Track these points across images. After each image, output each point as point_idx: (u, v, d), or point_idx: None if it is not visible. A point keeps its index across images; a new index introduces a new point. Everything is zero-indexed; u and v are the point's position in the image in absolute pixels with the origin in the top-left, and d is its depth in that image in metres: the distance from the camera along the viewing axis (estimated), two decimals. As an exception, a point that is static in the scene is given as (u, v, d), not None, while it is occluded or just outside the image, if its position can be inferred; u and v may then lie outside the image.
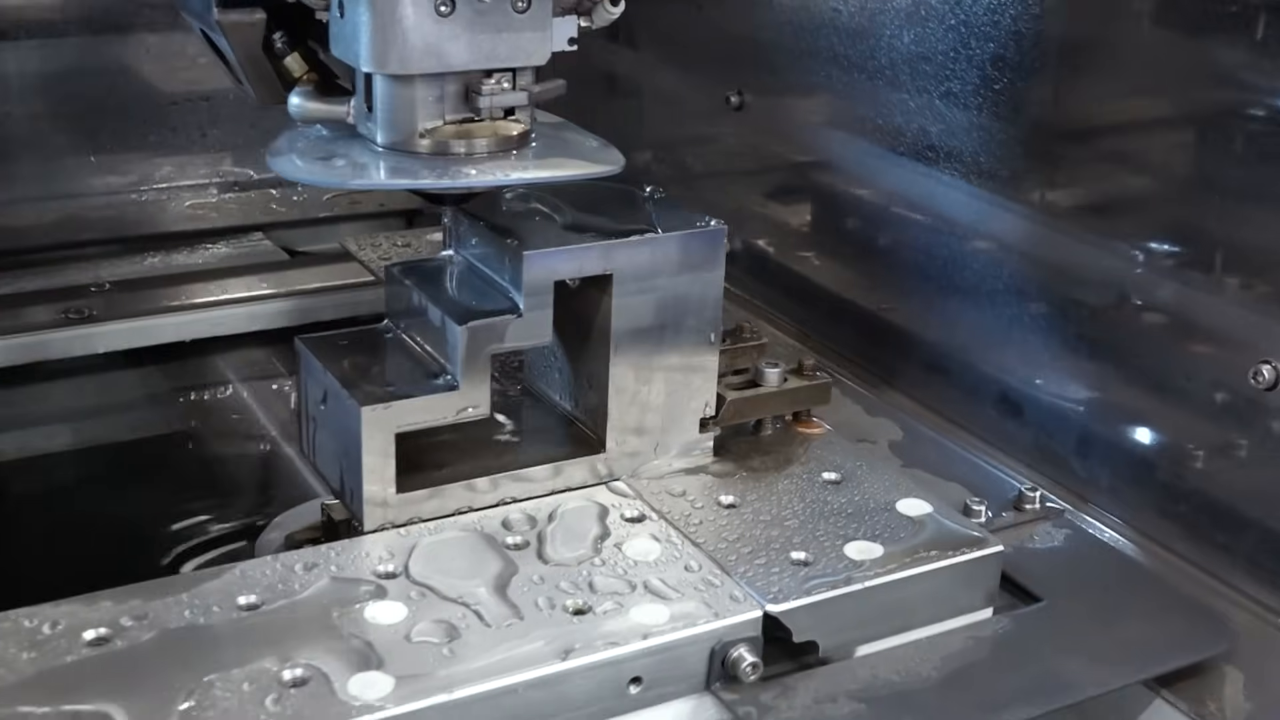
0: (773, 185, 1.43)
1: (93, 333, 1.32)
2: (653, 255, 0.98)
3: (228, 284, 1.41)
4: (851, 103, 1.28)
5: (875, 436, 1.17)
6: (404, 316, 1.01)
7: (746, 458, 1.05)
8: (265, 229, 1.55)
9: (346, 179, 0.93)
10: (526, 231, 0.97)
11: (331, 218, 1.57)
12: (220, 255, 1.49)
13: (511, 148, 0.95)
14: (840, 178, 1.33)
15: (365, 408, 0.92)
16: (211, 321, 1.37)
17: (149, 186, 1.52)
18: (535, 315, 0.95)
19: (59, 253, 1.45)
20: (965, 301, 1.19)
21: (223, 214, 1.54)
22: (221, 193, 1.56)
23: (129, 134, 1.51)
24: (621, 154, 0.99)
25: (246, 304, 1.38)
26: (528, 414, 1.06)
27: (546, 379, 1.07)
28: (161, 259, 1.48)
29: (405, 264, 1.03)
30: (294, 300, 1.39)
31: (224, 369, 1.38)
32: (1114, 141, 1.11)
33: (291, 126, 0.99)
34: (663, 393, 1.01)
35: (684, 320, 1.00)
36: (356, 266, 1.43)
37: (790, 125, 1.38)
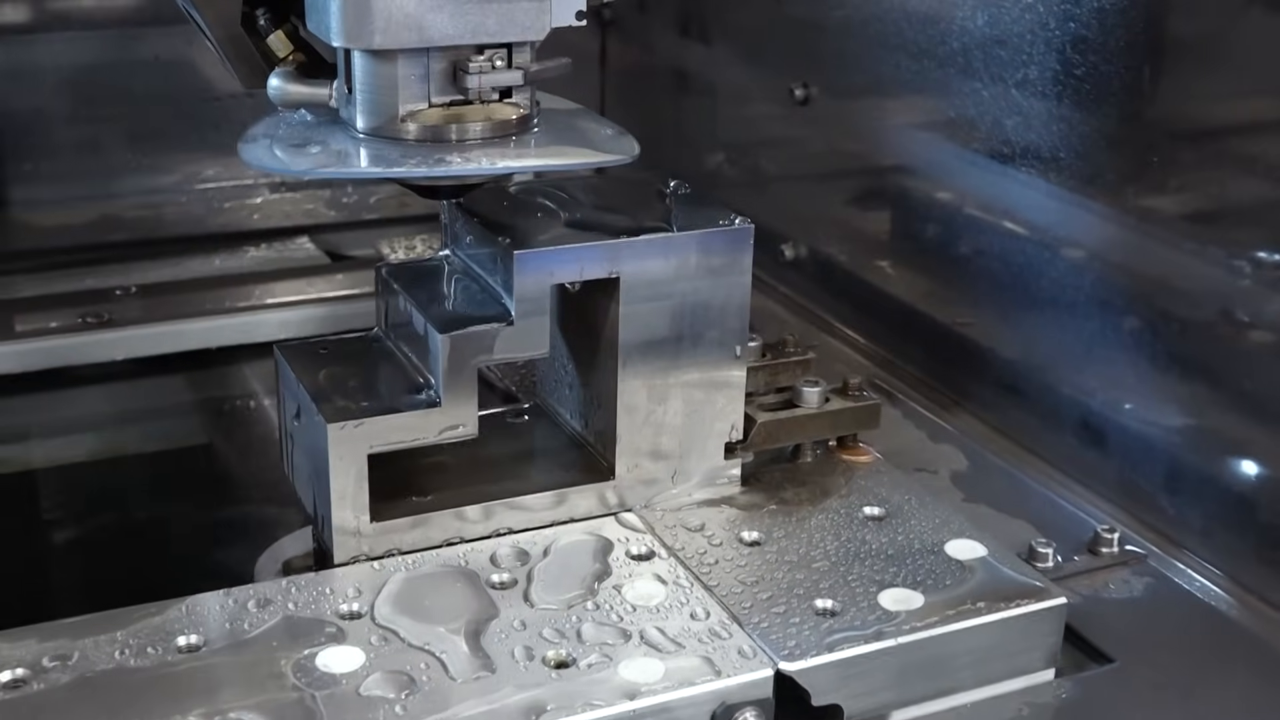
0: (838, 187, 1.29)
1: (111, 338, 1.24)
2: (667, 256, 0.85)
3: (259, 289, 1.31)
4: (920, 94, 1.14)
5: (936, 465, 1.02)
6: (393, 324, 0.89)
7: (779, 488, 0.91)
8: (311, 232, 1.45)
9: (315, 167, 0.81)
10: (523, 229, 0.85)
11: (379, 220, 1.46)
12: (259, 259, 1.40)
13: (508, 134, 0.83)
14: (909, 177, 1.19)
15: (333, 425, 0.81)
16: (239, 329, 1.27)
17: (192, 186, 1.42)
18: (530, 323, 0.83)
19: (92, 254, 1.36)
20: (1044, 315, 1.05)
21: (266, 215, 1.44)
22: (268, 194, 1.46)
23: (171, 131, 1.41)
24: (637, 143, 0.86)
25: (277, 310, 1.29)
26: (534, 434, 0.93)
27: (557, 396, 0.94)
28: (200, 262, 1.39)
29: (397, 265, 0.91)
30: (328, 307, 1.29)
31: (250, 379, 1.28)
32: (1217, 136, 0.95)
33: (273, 111, 0.88)
34: (681, 413, 0.88)
35: (705, 331, 0.87)
36: (391, 270, 1.32)
37: (857, 120, 1.24)
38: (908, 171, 1.19)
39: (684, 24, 1.48)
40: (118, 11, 1.38)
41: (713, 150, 1.46)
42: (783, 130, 1.35)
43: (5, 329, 1.23)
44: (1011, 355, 1.08)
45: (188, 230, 1.41)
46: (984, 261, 1.10)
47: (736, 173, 1.44)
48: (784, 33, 1.32)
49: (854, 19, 1.20)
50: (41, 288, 1.31)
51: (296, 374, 0.86)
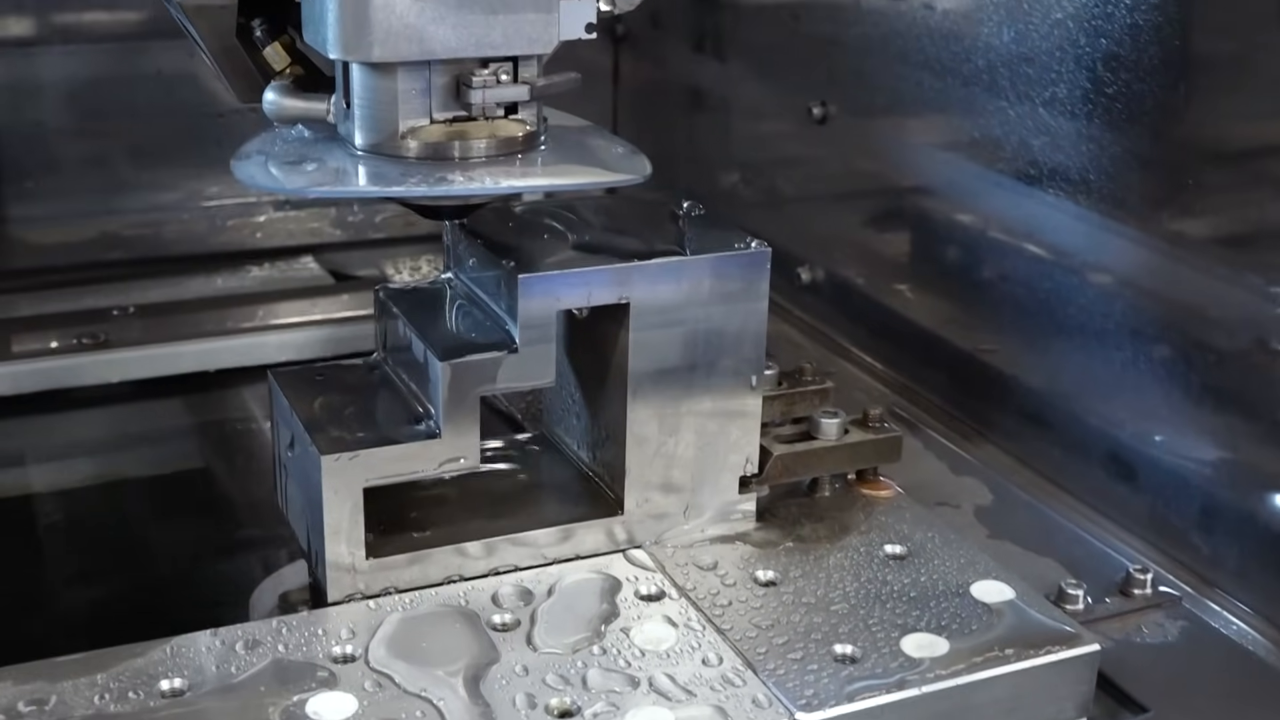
0: (858, 208, 1.25)
1: (109, 360, 1.20)
2: (679, 281, 0.80)
3: (261, 310, 1.28)
4: (945, 113, 1.09)
5: (959, 499, 0.98)
6: (393, 350, 0.85)
7: (795, 524, 0.86)
8: (315, 251, 1.41)
9: (311, 185, 0.77)
10: (529, 252, 0.80)
11: (384, 240, 1.42)
12: (262, 278, 1.36)
13: (514, 152, 0.79)
14: (930, 198, 1.15)
15: (327, 457, 0.76)
16: (239, 351, 1.23)
17: (194, 204, 1.38)
18: (535, 351, 0.78)
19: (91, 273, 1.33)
20: (1071, 343, 1.00)
21: (269, 234, 1.40)
22: (271, 212, 1.41)
23: (173, 147, 1.37)
24: (649, 162, 0.81)
25: (279, 332, 1.25)
26: (539, 466, 0.89)
27: (564, 425, 0.89)
28: (201, 282, 1.35)
29: (397, 288, 0.87)
30: (331, 329, 1.25)
31: (250, 402, 1.24)
32: (1253, 158, 0.91)
33: (269, 127, 0.84)
34: (694, 445, 0.83)
35: (719, 359, 0.83)
36: (396, 291, 1.28)
37: (877, 140, 1.20)
38: (929, 192, 1.15)
39: (698, 40, 1.44)
40: (120, 25, 1.34)
41: (727, 169, 1.41)
42: (800, 149, 1.31)
43: (1, 349, 1.19)
44: (1037, 384, 1.04)
45: (189, 249, 1.37)
46: (1009, 286, 1.06)
47: (751, 192, 1.40)
48: (801, 50, 1.27)
49: (874, 35, 1.16)
50: (39, 307, 1.28)
51: (291, 402, 0.81)
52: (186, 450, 1.23)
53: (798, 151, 1.32)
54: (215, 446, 1.22)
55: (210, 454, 1.22)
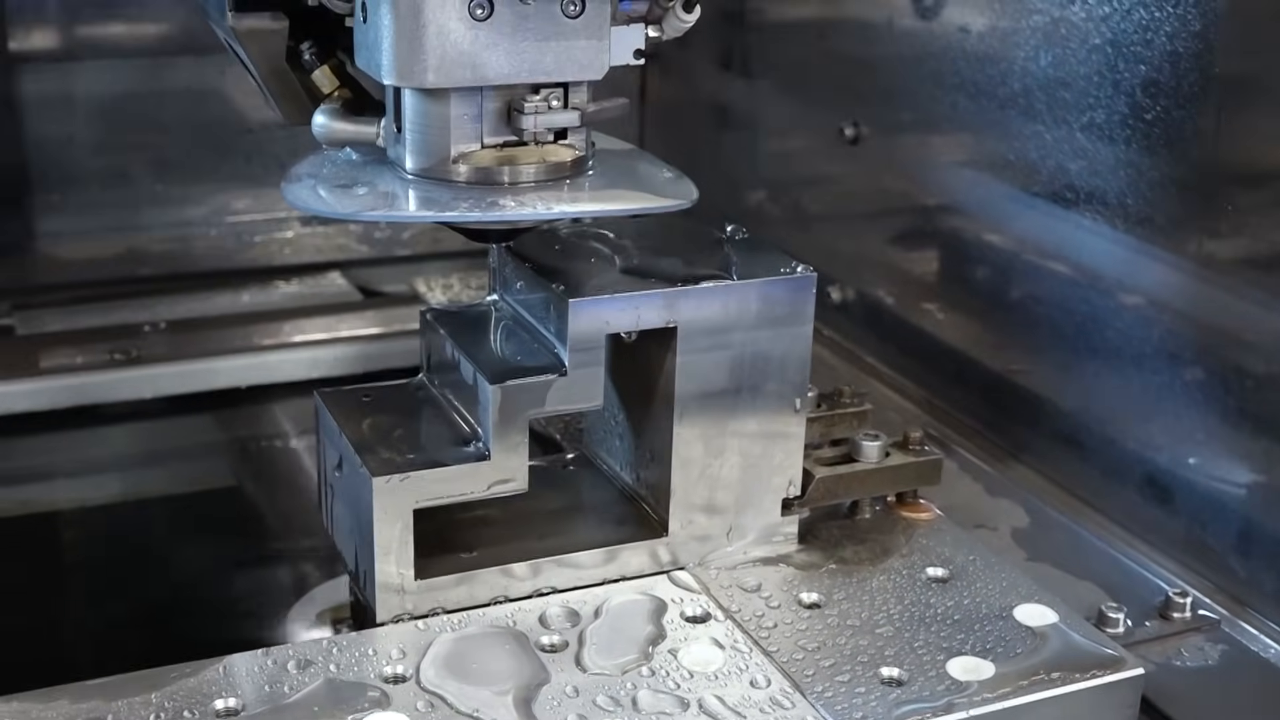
0: (890, 228, 1.26)
1: (139, 376, 1.22)
2: (726, 305, 0.82)
3: (290, 326, 1.29)
4: (979, 135, 1.11)
5: (995, 522, 0.99)
6: (439, 371, 0.87)
7: (837, 546, 0.88)
8: (343, 267, 1.43)
9: (363, 209, 0.78)
10: (577, 275, 0.82)
11: (413, 256, 1.44)
12: (290, 294, 1.38)
13: (563, 177, 0.80)
14: (966, 221, 1.16)
15: (378, 478, 0.78)
16: (269, 367, 1.25)
17: (220, 220, 1.40)
18: (583, 374, 0.80)
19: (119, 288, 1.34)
20: (1108, 366, 1.01)
21: (297, 250, 1.42)
22: (300, 228, 1.43)
23: (201, 163, 1.38)
24: (695, 187, 0.83)
25: (308, 348, 1.27)
26: (582, 487, 0.90)
27: (607, 446, 0.91)
28: (229, 298, 1.37)
29: (443, 309, 0.89)
30: (360, 345, 1.27)
31: (281, 419, 1.25)
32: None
33: (318, 149, 0.85)
34: (738, 467, 0.85)
35: (764, 382, 0.84)
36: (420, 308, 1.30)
37: (911, 161, 1.21)
38: (962, 213, 1.17)
39: (725, 58, 1.46)
40: (149, 40, 1.36)
41: (754, 187, 1.43)
42: (830, 168, 1.33)
43: (30, 365, 1.21)
44: (1071, 406, 1.05)
45: (217, 265, 1.39)
46: (1043, 308, 1.07)
47: (779, 211, 1.41)
48: (832, 69, 1.29)
49: (906, 56, 1.18)
50: (67, 323, 1.29)
51: (339, 422, 0.83)
52: (217, 467, 1.24)
53: (827, 170, 1.33)
54: (246, 463, 1.24)
55: (241, 471, 1.23)
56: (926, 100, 1.16)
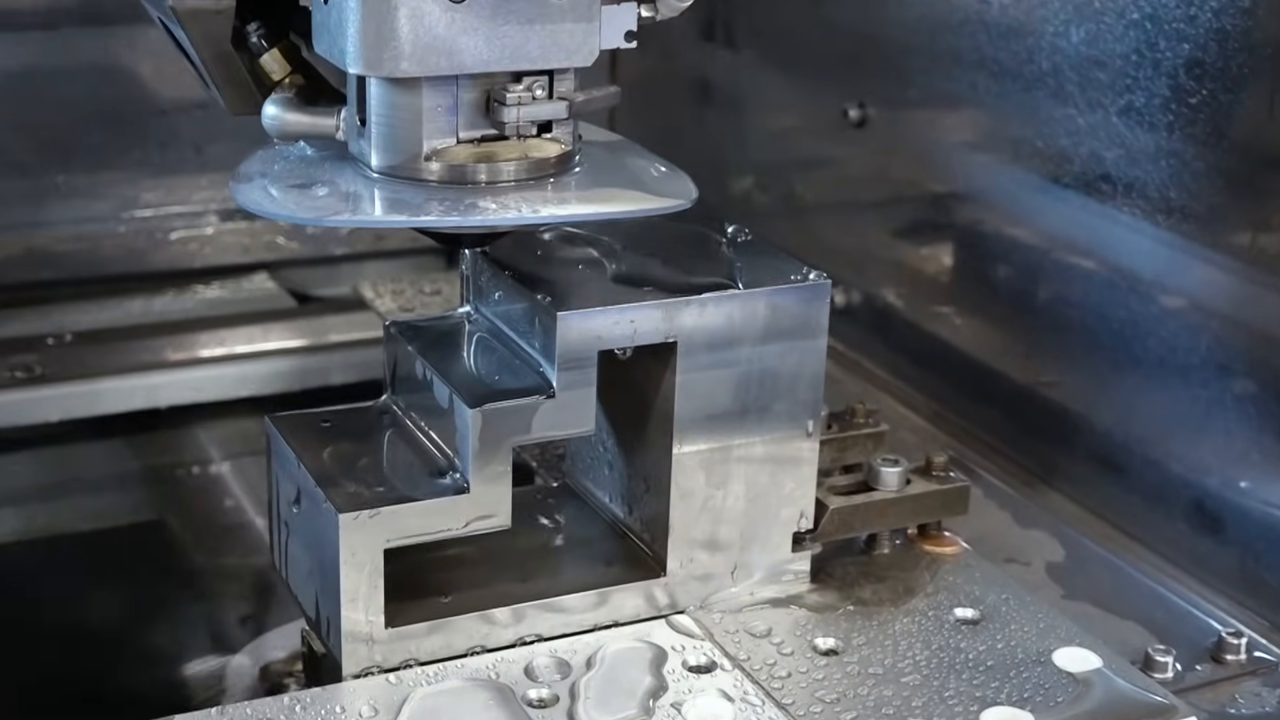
0: (902, 222, 1.31)
1: (43, 396, 1.25)
2: (731, 317, 0.86)
3: (216, 337, 1.33)
4: (1003, 119, 1.16)
5: (1027, 556, 1.04)
6: (406, 392, 0.90)
7: (854, 585, 0.92)
8: (271, 268, 1.46)
9: (325, 214, 0.82)
10: (563, 284, 0.86)
11: (351, 255, 1.47)
12: (212, 300, 1.41)
13: (547, 174, 0.84)
14: (987, 214, 1.21)
15: (345, 515, 0.81)
16: (193, 385, 1.29)
17: (130, 215, 1.43)
18: (573, 396, 0.84)
19: (16, 295, 1.37)
20: (1149, 378, 1.06)
21: (219, 249, 1.45)
22: (220, 222, 1.46)
23: (107, 150, 1.41)
24: (695, 185, 0.87)
25: (237, 363, 1.31)
26: (567, 521, 0.94)
27: (594, 476, 0.95)
28: (142, 304, 1.40)
29: (410, 322, 0.92)
30: (295, 359, 1.31)
31: (207, 444, 1.29)
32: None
33: (267, 144, 0.89)
34: (743, 498, 0.89)
35: (773, 402, 0.88)
36: (372, 317, 1.34)
37: (924, 147, 1.26)
38: (984, 206, 1.21)
39: (707, 27, 1.50)
40: (48, 11, 1.38)
41: (740, 174, 1.47)
42: (830, 154, 1.37)
43: (-82, 384, 1.24)
44: (1109, 424, 1.10)
45: (128, 267, 1.42)
46: (1076, 313, 1.12)
47: (769, 200, 1.46)
48: (833, 42, 1.33)
49: (919, 29, 1.22)
50: (-42, 336, 1.32)
51: (296, 452, 0.86)
52: (134, 500, 1.27)
53: (827, 156, 1.38)
54: (167, 495, 1.27)
55: (161, 504, 1.27)
56: (942, 78, 1.20)
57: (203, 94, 1.40)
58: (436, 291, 1.37)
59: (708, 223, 0.94)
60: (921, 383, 1.26)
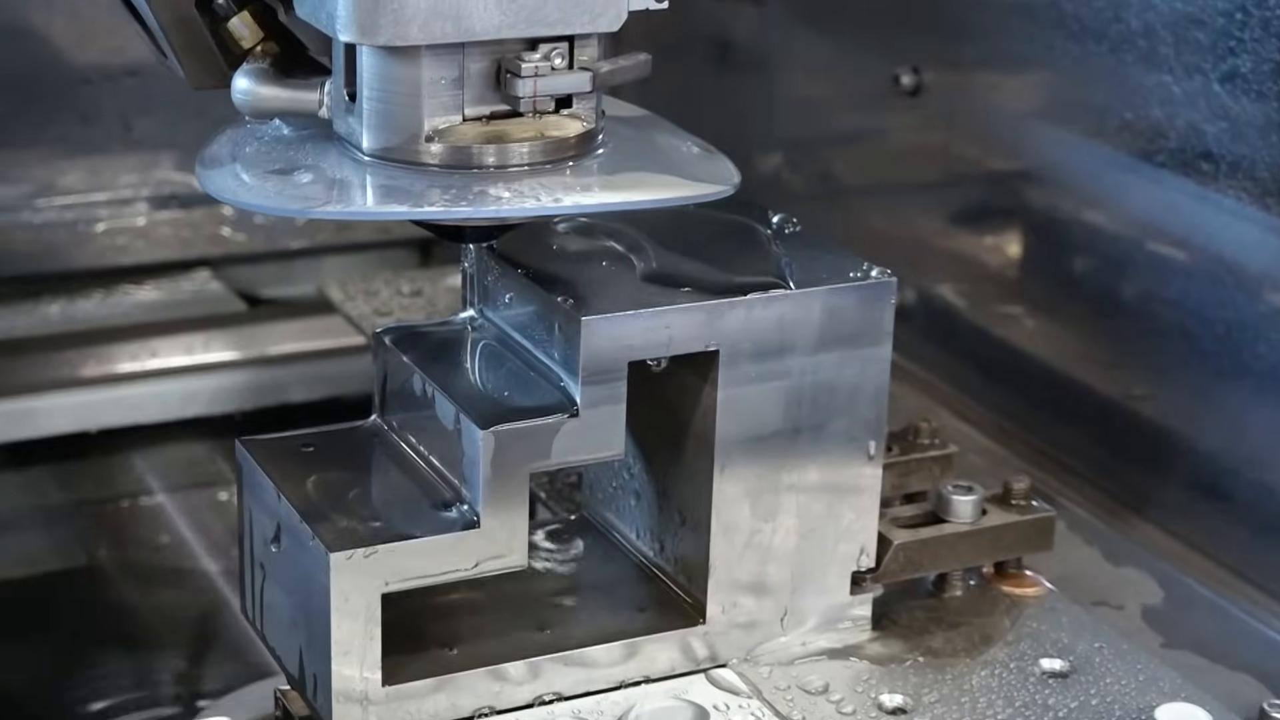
0: (963, 207, 1.34)
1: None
2: (781, 321, 0.90)
3: (152, 347, 1.36)
4: (1084, 86, 1.19)
5: (1120, 597, 1.08)
6: (400, 410, 0.94)
7: (923, 633, 0.96)
8: (215, 265, 1.49)
9: (314, 205, 0.85)
10: (587, 284, 0.90)
11: (310, 249, 1.51)
12: (147, 304, 1.45)
13: (567, 157, 0.88)
14: (1066, 198, 1.24)
15: (337, 554, 0.85)
16: (129, 403, 1.32)
17: (47, 203, 1.46)
18: (600, 414, 0.87)
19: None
20: (1259, 390, 1.10)
21: (153, 243, 1.49)
22: (153, 211, 1.50)
23: (20, 125, 1.45)
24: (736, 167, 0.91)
25: (178, 378, 1.34)
26: (587, 561, 0.98)
27: (617, 507, 0.99)
28: (62, 309, 1.43)
29: (404, 329, 0.96)
30: (249, 372, 1.34)
31: (145, 473, 1.32)
32: None
33: (237, 122, 0.93)
34: (795, 532, 0.93)
35: (829, 421, 0.92)
36: (341, 323, 1.37)
37: (990, 118, 1.30)
38: (1061, 188, 1.24)
39: (729, -21, 1.54)
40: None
41: (768, 150, 1.51)
42: (877, 127, 1.41)
43: None
44: (1212, 445, 1.13)
45: (45, 265, 1.45)
46: (1172, 315, 1.15)
47: (802, 182, 1.49)
48: (880, -5, 1.37)
49: (985, -18, 1.26)
50: None
51: (276, 481, 0.90)
52: (58, 539, 1.30)
53: (873, 129, 1.42)
54: (98, 533, 1.30)
55: (92, 544, 1.29)
56: (1013, 39, 1.24)
57: (132, 60, 1.45)
58: (417, 292, 1.40)
59: (749, 211, 0.98)
60: (987, 397, 1.30)
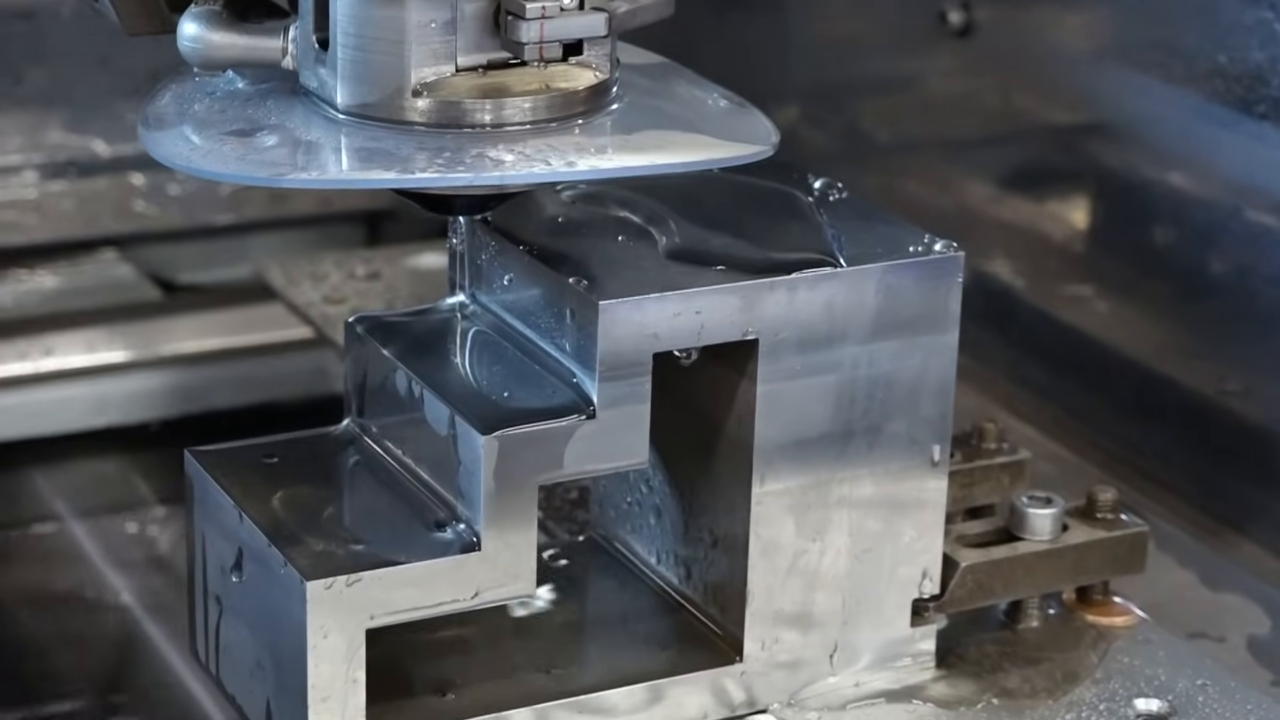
0: (1021, 169, 1.38)
1: None
2: (831, 305, 0.93)
3: (50, 343, 1.38)
4: (1168, 24, 1.23)
5: (1221, 628, 1.11)
6: (379, 413, 0.97)
7: (996, 671, 1.00)
8: (122, 245, 1.51)
9: (283, 172, 0.88)
10: (604, 263, 0.93)
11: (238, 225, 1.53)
12: (44, 292, 1.46)
13: (577, 113, 0.90)
14: (1146, 157, 1.27)
15: (314, 583, 0.87)
16: (23, 412, 1.34)
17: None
18: (621, 416, 0.90)
19: None
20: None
21: (48, 219, 1.50)
22: (46, 181, 1.52)
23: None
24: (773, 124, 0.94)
25: (86, 380, 1.36)
26: (599, 588, 1.01)
27: (633, 526, 1.02)
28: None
29: (381, 317, 0.99)
30: (168, 374, 1.36)
31: (49, 494, 1.34)
32: None
33: (183, 74, 0.95)
34: (845, 554, 0.97)
35: (886, 421, 0.96)
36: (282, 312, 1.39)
37: (1055, 63, 1.33)
38: (1140, 146, 1.27)
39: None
40: None
41: (784, 99, 1.53)
42: (917, 72, 1.43)
43: None
44: (1326, 450, 1.18)
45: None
46: (1274, 296, 1.18)
47: (825, 139, 1.52)
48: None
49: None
50: None
51: (236, 499, 0.92)
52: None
53: (913, 75, 1.44)
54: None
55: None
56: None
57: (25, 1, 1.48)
58: (373, 275, 1.42)
59: (784, 174, 1.01)
60: (1055, 392, 1.33)
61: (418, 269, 1.43)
